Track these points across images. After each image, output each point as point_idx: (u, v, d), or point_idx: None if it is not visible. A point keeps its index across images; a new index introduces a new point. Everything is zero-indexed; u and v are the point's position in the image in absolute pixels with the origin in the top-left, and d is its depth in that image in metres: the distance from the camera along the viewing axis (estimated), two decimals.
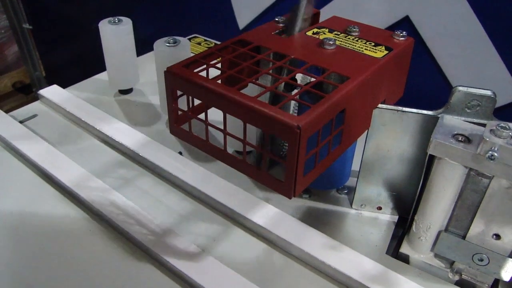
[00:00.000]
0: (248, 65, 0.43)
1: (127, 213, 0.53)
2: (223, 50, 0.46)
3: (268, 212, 0.53)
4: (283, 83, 0.45)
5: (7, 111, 0.71)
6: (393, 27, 1.14)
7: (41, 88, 1.96)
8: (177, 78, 0.41)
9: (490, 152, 0.40)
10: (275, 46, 0.46)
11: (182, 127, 0.44)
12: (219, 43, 0.95)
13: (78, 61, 1.87)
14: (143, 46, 0.84)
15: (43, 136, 0.67)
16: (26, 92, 2.13)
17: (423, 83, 1.18)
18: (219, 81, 0.42)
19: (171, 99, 0.43)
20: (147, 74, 0.80)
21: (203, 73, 0.42)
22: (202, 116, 0.42)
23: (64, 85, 0.79)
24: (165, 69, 0.42)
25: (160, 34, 0.65)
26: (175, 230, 0.52)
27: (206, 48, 0.90)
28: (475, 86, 0.47)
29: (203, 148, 0.43)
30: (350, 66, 0.43)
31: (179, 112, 0.44)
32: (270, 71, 0.42)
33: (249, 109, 0.37)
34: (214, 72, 0.43)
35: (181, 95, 0.43)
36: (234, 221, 0.55)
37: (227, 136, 0.40)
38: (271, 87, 0.40)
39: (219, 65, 0.44)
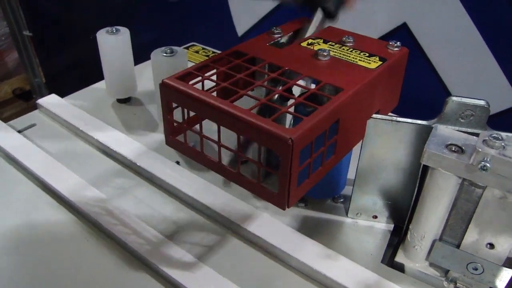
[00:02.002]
0: (242, 77, 0.43)
1: (123, 222, 0.54)
2: (218, 62, 0.46)
3: (264, 222, 0.54)
4: (278, 95, 0.46)
5: (7, 118, 0.71)
6: (391, 34, 1.15)
7: (41, 94, 1.96)
8: (172, 91, 0.42)
9: (483, 162, 0.41)
10: (270, 57, 0.46)
11: (178, 138, 0.45)
12: (217, 51, 0.96)
13: (78, 68, 1.88)
14: (141, 53, 0.84)
15: (42, 145, 0.67)
16: (26, 99, 2.13)
17: (420, 89, 1.18)
18: (214, 93, 0.42)
19: (166, 111, 0.44)
20: (145, 83, 0.81)
21: (199, 85, 0.43)
22: (198, 127, 0.42)
23: (64, 92, 0.80)
24: (161, 81, 0.42)
25: (158, 42, 0.66)
26: (172, 239, 0.53)
27: (205, 56, 0.91)
28: (469, 96, 0.47)
29: (198, 159, 0.44)
30: (344, 77, 0.43)
31: (174, 124, 0.44)
32: (265, 83, 0.43)
33: (242, 122, 0.37)
34: (209, 84, 0.43)
35: (176, 107, 0.43)
36: (230, 230, 0.55)
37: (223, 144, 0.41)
38: (264, 100, 0.40)
39: (214, 77, 0.44)
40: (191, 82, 0.43)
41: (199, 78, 0.43)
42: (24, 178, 0.62)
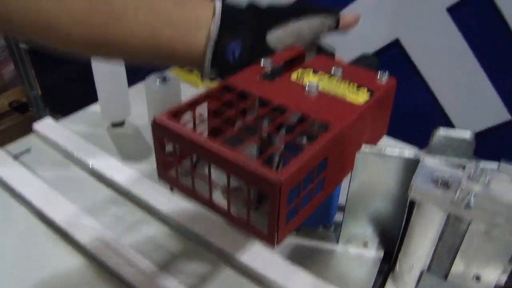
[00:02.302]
0: (233, 114, 0.44)
1: (118, 252, 0.55)
2: (209, 97, 0.47)
3: (256, 251, 0.55)
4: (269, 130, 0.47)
5: (4, 130, 0.73)
6: (384, 50, 1.16)
7: (37, 106, 1.96)
8: (163, 129, 0.42)
9: (467, 200, 0.42)
10: (260, 91, 0.47)
11: (170, 173, 0.46)
12: None
13: (74, 80, 1.89)
14: (135, 73, 0.85)
15: (37, 171, 0.68)
16: (23, 111, 2.14)
17: (413, 103, 1.19)
18: (206, 130, 0.43)
19: (158, 147, 0.44)
20: (139, 106, 0.81)
21: (191, 122, 0.44)
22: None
23: (60, 104, 0.81)
24: (153, 118, 0.43)
25: None
26: (165, 269, 0.53)
27: (197, 77, 0.92)
28: (455, 128, 0.48)
29: (190, 195, 0.44)
30: (332, 113, 0.44)
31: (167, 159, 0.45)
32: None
33: (230, 163, 0.38)
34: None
35: (168, 143, 0.44)
36: (223, 260, 0.56)
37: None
38: (253, 139, 0.41)
39: (205, 113, 0.45)
40: (182, 119, 0.44)
41: (190, 115, 0.44)
42: (20, 206, 0.62)
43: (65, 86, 1.97)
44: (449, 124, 1.15)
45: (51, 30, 0.47)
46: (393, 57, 1.16)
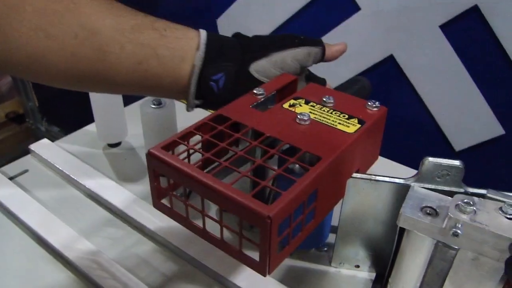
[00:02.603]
0: (225, 146, 0.45)
1: (114, 276, 0.55)
2: (202, 128, 0.48)
3: (250, 274, 0.55)
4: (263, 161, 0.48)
5: (0, 141, 0.73)
6: (378, 66, 1.18)
7: (34, 118, 1.97)
8: (157, 161, 0.43)
9: (454, 229, 0.43)
10: (252, 122, 0.48)
11: (164, 202, 0.47)
12: None
13: (71, 92, 1.90)
14: None
15: (34, 193, 0.69)
16: (20, 122, 2.15)
17: (407, 118, 1.20)
18: (199, 162, 0.44)
19: (153, 177, 0.45)
20: (135, 126, 0.82)
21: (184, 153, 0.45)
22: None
23: (56, 115, 0.81)
24: (148, 150, 0.44)
25: None
26: None
27: None
28: (443, 158, 0.49)
29: (184, 224, 0.45)
30: (322, 145, 0.45)
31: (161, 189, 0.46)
32: (247, 152, 0.45)
33: (222, 197, 0.39)
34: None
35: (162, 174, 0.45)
36: (217, 282, 0.57)
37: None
38: (245, 172, 0.42)
39: (199, 145, 0.46)
40: (177, 150, 0.45)
41: (184, 148, 0.45)
42: (17, 228, 0.63)
43: (62, 98, 1.97)
44: (443, 138, 1.16)
45: (37, 65, 0.48)
46: (387, 73, 1.17)
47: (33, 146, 0.77)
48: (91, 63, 0.49)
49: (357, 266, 0.59)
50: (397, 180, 0.51)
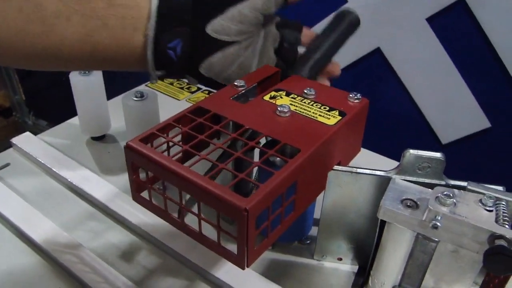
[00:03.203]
0: (203, 138, 0.45)
1: (95, 270, 0.55)
2: (181, 120, 0.47)
3: (232, 267, 0.55)
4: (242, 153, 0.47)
5: None
6: (365, 58, 1.18)
7: (21, 111, 1.95)
8: (135, 154, 0.43)
9: (434, 221, 0.43)
10: (232, 114, 0.48)
11: (143, 196, 0.46)
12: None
13: (57, 86, 1.89)
14: (117, 86, 0.85)
15: (15, 186, 0.68)
16: (6, 116, 2.14)
17: (395, 111, 1.21)
18: (178, 155, 0.44)
19: (131, 170, 0.45)
20: (119, 118, 0.81)
21: (163, 145, 0.44)
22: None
23: (43, 109, 0.80)
24: (126, 143, 0.44)
25: (133, 73, 0.64)
26: (142, 285, 0.54)
27: (179, 89, 0.92)
28: (425, 150, 0.49)
29: (163, 217, 0.45)
30: (302, 137, 0.45)
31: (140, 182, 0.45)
32: (227, 144, 0.44)
33: (199, 189, 0.39)
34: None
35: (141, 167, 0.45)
36: (199, 275, 0.56)
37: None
38: (223, 165, 0.41)
39: (178, 137, 0.46)
40: (155, 143, 0.45)
41: (163, 139, 0.45)
42: None
43: (48, 91, 1.96)
44: (429, 131, 1.17)
45: None
46: (374, 65, 1.17)
47: (15, 140, 0.76)
48: (38, 37, 0.48)
49: (340, 259, 0.59)
50: (378, 173, 0.51)
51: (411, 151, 0.49)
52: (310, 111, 0.49)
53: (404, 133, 1.21)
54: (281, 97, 0.52)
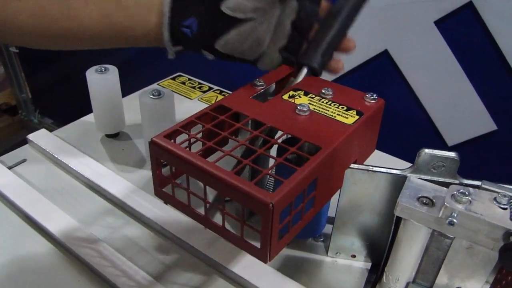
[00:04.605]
0: (227, 135, 0.46)
1: (114, 263, 0.56)
2: (203, 118, 0.48)
3: (248, 262, 0.56)
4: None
5: None
6: (373, 60, 1.18)
7: (27, 109, 1.96)
8: (160, 150, 0.44)
9: (450, 218, 0.44)
10: (252, 113, 0.49)
11: (166, 191, 0.47)
12: (204, 82, 0.98)
13: (63, 83, 1.90)
14: (129, 84, 0.86)
15: (32, 182, 0.69)
16: (12, 114, 2.14)
17: (402, 113, 1.21)
18: (201, 152, 0.45)
19: (155, 165, 0.46)
20: (134, 116, 0.83)
21: (186, 142, 0.45)
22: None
23: (49, 107, 0.81)
24: (151, 139, 0.45)
25: (145, 72, 0.66)
26: (160, 280, 0.55)
27: (191, 88, 0.93)
28: (439, 150, 0.50)
29: (185, 212, 0.46)
30: (322, 135, 0.46)
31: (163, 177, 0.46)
32: (247, 141, 0.46)
33: (224, 184, 0.40)
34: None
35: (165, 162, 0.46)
36: (216, 270, 0.57)
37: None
38: (247, 161, 0.43)
39: (200, 134, 0.47)
40: (179, 139, 0.46)
41: (186, 136, 0.46)
42: (16, 217, 0.64)
43: (55, 89, 1.97)
44: (436, 133, 1.18)
45: (6, 25, 0.49)
46: (381, 67, 1.18)
47: (31, 136, 0.77)
48: (57, 20, 0.50)
49: (353, 256, 0.60)
50: (393, 171, 0.52)
51: (426, 150, 0.50)
52: (328, 110, 0.51)
53: (411, 134, 1.22)
54: (300, 97, 0.53)
